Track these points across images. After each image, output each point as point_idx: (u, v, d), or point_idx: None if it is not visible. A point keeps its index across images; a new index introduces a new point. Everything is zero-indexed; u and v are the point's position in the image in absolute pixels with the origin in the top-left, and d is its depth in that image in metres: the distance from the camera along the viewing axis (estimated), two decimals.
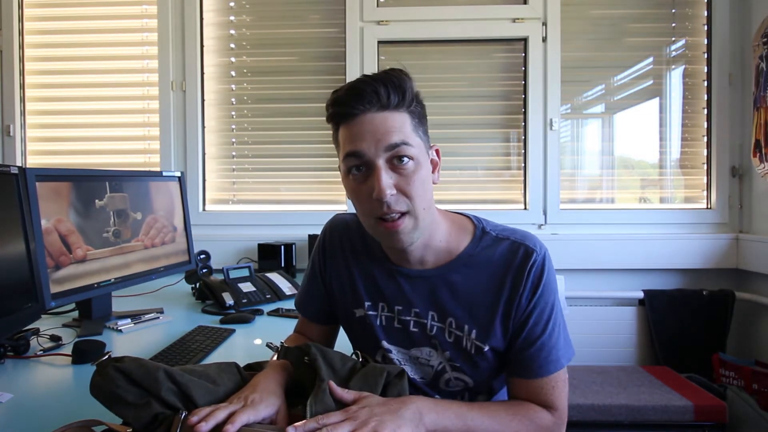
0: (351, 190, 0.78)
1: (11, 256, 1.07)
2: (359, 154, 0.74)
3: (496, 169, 2.32)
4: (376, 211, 0.75)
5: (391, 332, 0.86)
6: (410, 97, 0.76)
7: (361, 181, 0.76)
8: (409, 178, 0.74)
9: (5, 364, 1.09)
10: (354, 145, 0.74)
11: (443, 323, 0.83)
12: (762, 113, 2.01)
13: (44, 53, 2.38)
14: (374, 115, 0.74)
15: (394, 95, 0.74)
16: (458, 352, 0.83)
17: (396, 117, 0.74)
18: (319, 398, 0.68)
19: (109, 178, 1.44)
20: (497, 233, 0.84)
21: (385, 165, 0.74)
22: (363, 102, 0.73)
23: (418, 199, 0.75)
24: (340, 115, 0.76)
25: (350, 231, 0.92)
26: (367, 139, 0.73)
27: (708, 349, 2.11)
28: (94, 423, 0.68)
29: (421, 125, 0.79)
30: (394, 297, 0.85)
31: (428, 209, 0.77)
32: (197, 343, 1.20)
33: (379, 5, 2.28)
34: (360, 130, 0.74)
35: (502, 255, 0.81)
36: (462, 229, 0.86)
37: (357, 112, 0.74)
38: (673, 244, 2.19)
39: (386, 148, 0.73)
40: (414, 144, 0.75)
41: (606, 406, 1.76)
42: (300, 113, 2.33)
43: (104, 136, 2.38)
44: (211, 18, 2.35)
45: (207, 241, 2.12)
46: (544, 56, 2.23)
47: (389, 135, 0.73)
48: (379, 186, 0.72)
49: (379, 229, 0.77)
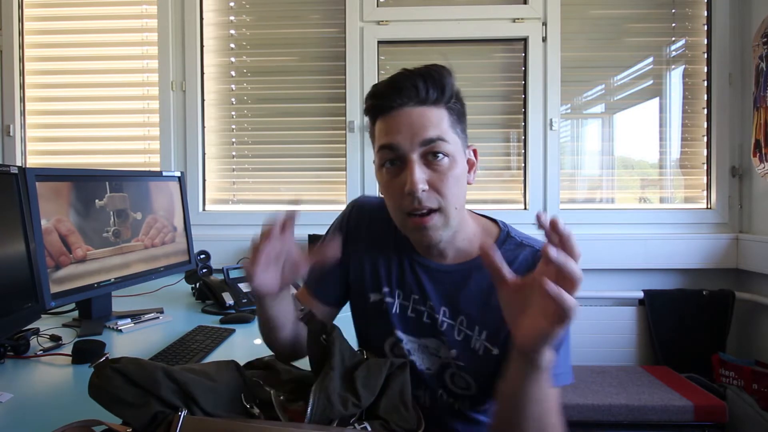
0: (383, 183, 0.78)
1: (11, 256, 1.07)
2: (394, 147, 0.73)
3: (496, 169, 2.32)
4: (406, 206, 0.74)
5: (404, 320, 0.85)
6: (449, 94, 0.75)
7: (395, 175, 0.75)
8: (443, 174, 0.73)
9: (5, 364, 1.09)
10: (389, 137, 0.74)
11: (454, 320, 0.82)
12: (762, 113, 2.01)
13: (44, 53, 2.38)
14: (412, 110, 0.73)
15: (433, 90, 0.73)
16: (466, 351, 0.82)
17: (434, 112, 0.74)
18: (324, 386, 0.67)
19: (109, 178, 1.44)
20: (522, 239, 0.83)
21: (420, 160, 0.73)
22: (401, 95, 0.73)
23: (450, 197, 0.74)
24: (377, 107, 0.76)
25: (375, 214, 0.90)
26: (403, 132, 0.73)
27: (708, 349, 2.11)
28: (94, 423, 0.68)
29: (459, 123, 0.78)
30: (411, 286, 0.85)
31: (460, 209, 0.77)
32: (197, 343, 1.20)
33: (379, 5, 2.28)
34: (397, 123, 0.73)
35: (524, 261, 0.80)
36: (487, 231, 0.86)
37: (395, 105, 0.73)
38: (673, 244, 2.19)
39: (422, 143, 0.72)
40: (450, 141, 0.74)
41: (606, 406, 1.76)
42: (300, 113, 2.33)
43: (104, 136, 2.38)
44: (211, 18, 2.35)
45: (207, 241, 2.12)
46: (544, 56, 2.23)
47: (426, 129, 0.72)
48: (411, 179, 0.71)
49: (408, 224, 0.76)
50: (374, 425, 0.70)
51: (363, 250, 0.89)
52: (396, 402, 0.74)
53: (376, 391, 0.73)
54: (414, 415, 0.74)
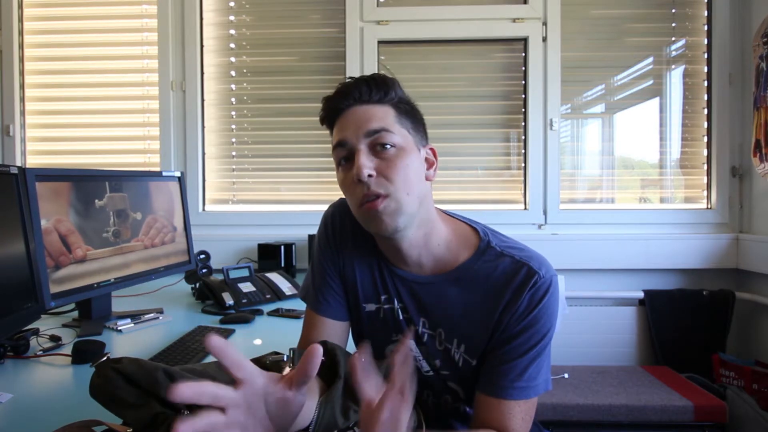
0: (340, 181, 0.81)
1: (11, 256, 1.07)
2: (343, 142, 0.78)
3: (496, 169, 2.32)
4: (358, 195, 0.76)
5: (403, 326, 0.85)
6: (393, 95, 0.80)
7: (347, 170, 0.78)
8: (390, 161, 0.75)
9: (5, 364, 1.09)
10: (339, 135, 0.78)
11: (434, 332, 0.82)
12: (762, 113, 2.01)
13: (44, 53, 2.38)
14: (358, 108, 0.78)
15: (376, 91, 0.78)
16: (447, 362, 0.82)
17: (378, 108, 0.78)
18: (330, 397, 0.67)
19: (109, 178, 1.44)
20: (502, 248, 0.80)
21: (367, 150, 0.76)
22: (347, 98, 0.78)
23: (399, 182, 0.75)
24: (329, 112, 0.81)
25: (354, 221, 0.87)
26: (350, 128, 0.77)
27: (708, 349, 2.11)
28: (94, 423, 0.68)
29: (408, 120, 0.80)
30: (394, 296, 0.85)
31: (413, 197, 0.76)
32: (197, 343, 1.19)
33: (379, 5, 2.28)
34: (345, 121, 0.79)
35: (503, 272, 0.78)
36: (465, 239, 0.83)
37: (343, 107, 0.79)
38: (673, 244, 2.19)
39: (366, 134, 0.76)
40: (396, 133, 0.77)
41: (606, 406, 1.76)
42: (300, 113, 2.33)
43: (104, 136, 2.38)
44: (211, 18, 2.35)
45: (207, 241, 2.12)
46: (544, 56, 2.23)
47: (369, 122, 0.77)
48: (357, 165, 0.74)
49: (363, 214, 0.77)
50: None
51: (352, 259, 0.88)
52: None
53: None
54: (414, 416, 0.74)
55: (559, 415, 1.75)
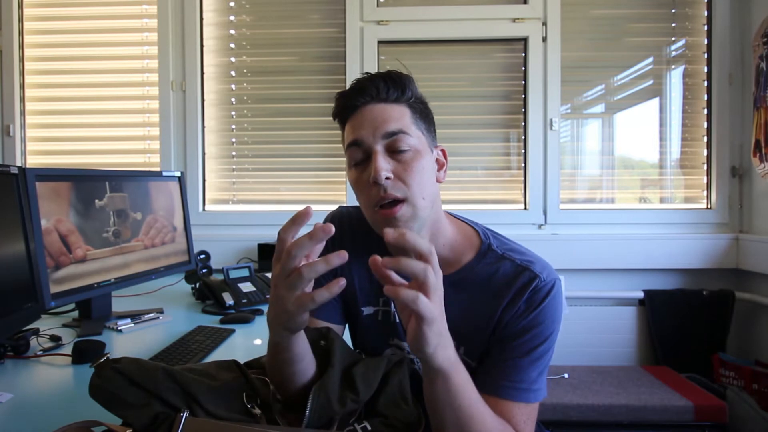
0: (353, 182, 0.79)
1: (11, 256, 1.07)
2: (359, 142, 0.76)
3: (496, 169, 2.32)
4: (373, 197, 0.74)
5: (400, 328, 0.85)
6: (410, 93, 0.78)
7: (362, 171, 0.76)
8: (407, 164, 0.75)
9: (5, 364, 1.09)
10: (354, 134, 0.76)
11: None
12: (762, 113, 2.01)
13: (44, 53, 2.38)
14: (374, 106, 0.77)
15: (393, 89, 0.77)
16: None
17: (395, 108, 0.77)
18: (324, 385, 0.67)
19: (109, 178, 1.44)
20: (503, 252, 0.80)
21: (383, 151, 0.75)
22: (364, 95, 0.76)
23: (416, 186, 0.74)
24: (343, 108, 0.79)
25: (355, 224, 0.89)
26: (366, 127, 0.75)
27: (708, 349, 2.11)
28: (94, 423, 0.68)
29: (422, 121, 0.79)
30: None
31: (428, 200, 0.76)
32: (197, 343, 1.19)
33: (379, 5, 2.28)
34: (360, 120, 0.77)
35: (504, 275, 0.78)
36: (468, 240, 0.83)
37: (358, 104, 0.77)
38: (673, 244, 2.19)
39: (384, 135, 0.75)
40: (413, 135, 0.76)
41: (606, 406, 1.76)
42: (300, 113, 2.33)
43: (104, 136, 2.38)
44: (211, 18, 2.35)
45: (207, 241, 2.12)
46: (544, 56, 2.23)
47: (387, 123, 0.75)
48: (375, 167, 0.73)
49: (378, 218, 0.76)
50: (374, 423, 0.70)
51: (350, 263, 0.87)
52: (396, 397, 0.74)
53: (374, 386, 0.73)
54: (415, 410, 0.74)
55: (559, 415, 1.75)
